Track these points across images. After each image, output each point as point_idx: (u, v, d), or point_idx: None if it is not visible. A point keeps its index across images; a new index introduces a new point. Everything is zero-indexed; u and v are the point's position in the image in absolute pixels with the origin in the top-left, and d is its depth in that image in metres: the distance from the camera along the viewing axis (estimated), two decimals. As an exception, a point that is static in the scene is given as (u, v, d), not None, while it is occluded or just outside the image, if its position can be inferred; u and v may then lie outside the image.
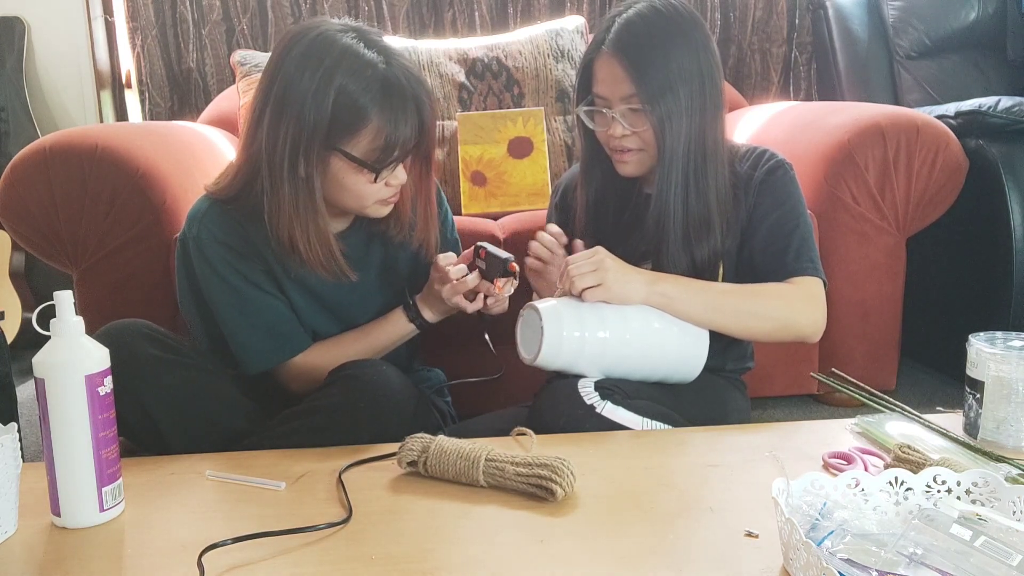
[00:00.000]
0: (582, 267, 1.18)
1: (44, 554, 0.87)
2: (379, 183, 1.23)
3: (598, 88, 1.28)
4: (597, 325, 1.18)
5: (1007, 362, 1.05)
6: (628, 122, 1.26)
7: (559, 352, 1.17)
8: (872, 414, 1.16)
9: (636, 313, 1.20)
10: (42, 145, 1.69)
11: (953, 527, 0.77)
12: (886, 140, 1.78)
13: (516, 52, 2.29)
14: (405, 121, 1.20)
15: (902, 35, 2.48)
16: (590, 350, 1.18)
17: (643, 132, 1.26)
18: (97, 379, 0.91)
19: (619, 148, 1.29)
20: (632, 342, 1.19)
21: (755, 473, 1.00)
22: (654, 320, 1.20)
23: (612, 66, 1.25)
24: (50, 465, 0.91)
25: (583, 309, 1.18)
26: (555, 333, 1.16)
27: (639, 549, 0.83)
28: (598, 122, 1.31)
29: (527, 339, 1.21)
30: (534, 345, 1.18)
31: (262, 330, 1.30)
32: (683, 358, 1.23)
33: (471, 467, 0.98)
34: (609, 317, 1.18)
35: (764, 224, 1.29)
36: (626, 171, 1.32)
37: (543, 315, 1.16)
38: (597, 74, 1.28)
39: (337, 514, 0.93)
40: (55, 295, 0.92)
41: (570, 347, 1.17)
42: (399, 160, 1.23)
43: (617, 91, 1.25)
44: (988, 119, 1.91)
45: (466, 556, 0.84)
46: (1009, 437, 1.06)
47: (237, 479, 1.02)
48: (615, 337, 1.18)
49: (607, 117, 1.28)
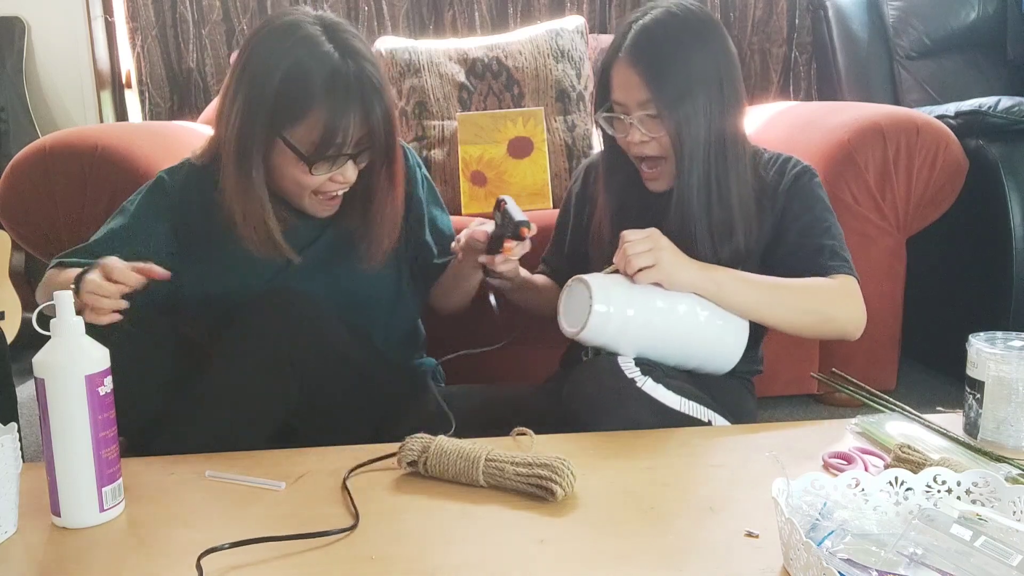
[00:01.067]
0: (638, 247, 1.18)
1: (44, 554, 0.88)
2: (317, 176, 1.25)
3: (616, 95, 1.29)
4: (645, 305, 1.18)
5: (1007, 362, 1.05)
6: (646, 128, 1.27)
7: (605, 328, 1.16)
8: (872, 414, 1.16)
9: (683, 298, 1.20)
10: (42, 145, 1.70)
11: (953, 527, 0.77)
12: (886, 140, 1.78)
13: (516, 52, 2.29)
14: (346, 118, 1.21)
15: (902, 35, 2.48)
16: (635, 329, 1.18)
17: (661, 138, 1.27)
18: (97, 379, 0.91)
19: (640, 155, 1.30)
20: (676, 326, 1.20)
21: (755, 473, 1.00)
22: (700, 307, 1.21)
23: (629, 73, 1.26)
24: (50, 465, 0.91)
25: (632, 288, 1.18)
26: (604, 308, 1.15)
27: (639, 549, 0.83)
28: (617, 128, 1.32)
29: (571, 312, 1.20)
30: (578, 318, 1.17)
31: (96, 248, 1.31)
32: (722, 348, 1.24)
33: (471, 467, 0.98)
34: (657, 299, 1.19)
35: (795, 227, 1.30)
36: (656, 187, 1.33)
37: (593, 289, 1.16)
38: (614, 80, 1.29)
39: (339, 515, 0.93)
40: (55, 295, 0.92)
41: (616, 324, 1.16)
42: (335, 157, 1.24)
43: (634, 97, 1.26)
44: (988, 119, 1.91)
45: (466, 556, 0.84)
46: (1009, 437, 1.06)
47: (236, 479, 1.02)
48: (661, 319, 1.19)
49: (625, 123, 1.29)
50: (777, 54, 2.73)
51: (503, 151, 2.14)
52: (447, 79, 2.26)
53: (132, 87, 2.78)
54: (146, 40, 2.69)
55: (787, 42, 2.73)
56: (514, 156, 2.14)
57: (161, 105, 2.73)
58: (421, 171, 1.48)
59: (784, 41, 2.72)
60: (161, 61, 2.71)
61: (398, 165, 1.34)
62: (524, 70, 2.27)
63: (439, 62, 2.27)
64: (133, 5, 2.67)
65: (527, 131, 2.14)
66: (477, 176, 2.13)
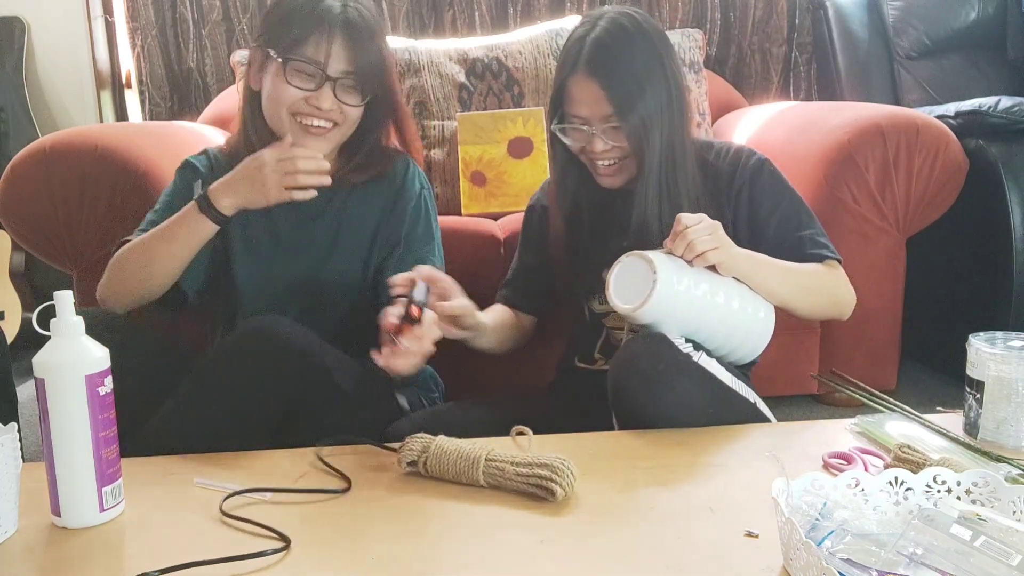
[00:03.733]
0: (701, 231, 1.18)
1: (44, 554, 0.87)
2: (292, 89, 1.30)
3: (575, 108, 1.31)
4: (697, 286, 1.18)
5: (1007, 362, 1.05)
6: (609, 138, 1.30)
7: (664, 305, 1.15)
8: (872, 414, 1.16)
9: (723, 282, 1.21)
10: (42, 145, 1.70)
11: (953, 527, 0.77)
12: (886, 140, 1.78)
13: (516, 52, 2.29)
14: (322, 34, 1.28)
15: (902, 35, 2.48)
16: (686, 308, 1.18)
17: (622, 145, 1.30)
18: (97, 379, 0.91)
19: (599, 159, 1.33)
20: (721, 307, 1.20)
21: (755, 473, 1.00)
22: (737, 291, 1.22)
23: (590, 87, 1.28)
24: (50, 465, 0.91)
25: (685, 267, 1.18)
26: (668, 285, 1.14)
27: (639, 549, 0.83)
28: (575, 138, 1.34)
29: (625, 288, 1.18)
30: (636, 294, 1.16)
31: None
32: (757, 332, 1.26)
33: (471, 467, 0.98)
34: (703, 281, 1.19)
35: (772, 221, 1.34)
36: (611, 183, 1.36)
37: (657, 265, 1.15)
38: (573, 95, 1.31)
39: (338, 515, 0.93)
40: (55, 295, 0.92)
41: (674, 302, 1.16)
42: (313, 76, 1.29)
43: (597, 112, 1.29)
44: (988, 119, 1.91)
45: (466, 556, 0.84)
46: (1009, 437, 1.06)
47: (225, 487, 1.00)
48: (707, 301, 1.19)
49: (586, 134, 1.31)
50: (777, 54, 2.73)
51: (503, 151, 2.14)
52: (447, 79, 2.26)
53: (132, 87, 2.78)
54: (146, 40, 2.69)
55: (787, 42, 2.73)
56: (514, 156, 2.14)
57: (161, 105, 2.73)
58: (422, 195, 1.44)
59: (784, 41, 2.72)
60: (161, 61, 2.71)
61: (406, 124, 1.43)
62: (524, 70, 2.27)
63: (439, 62, 2.27)
64: (133, 5, 2.67)
65: (527, 131, 2.15)
66: (477, 176, 2.13)
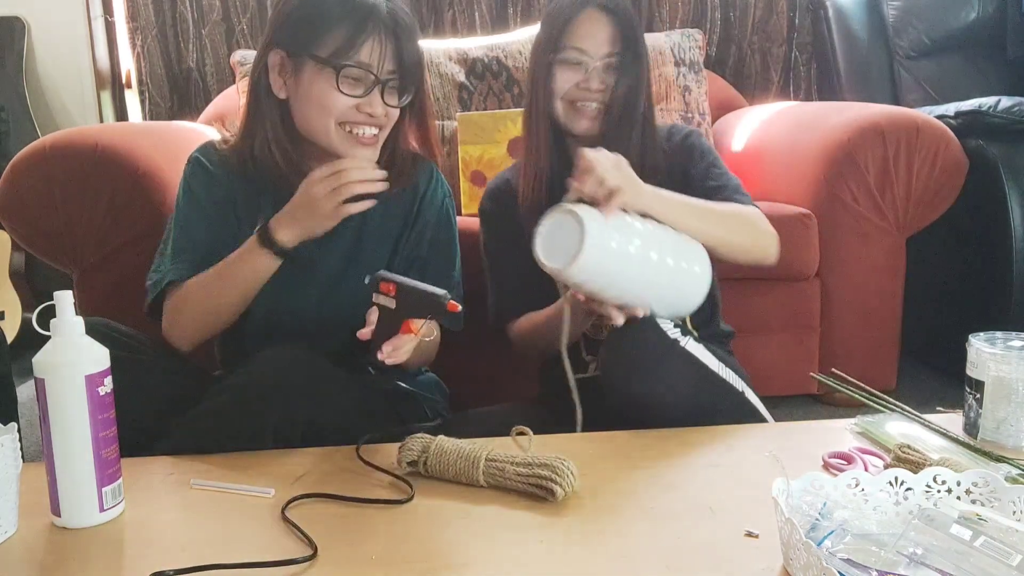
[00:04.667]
0: (608, 166, 1.14)
1: (44, 554, 0.87)
2: (343, 97, 1.21)
3: (579, 41, 1.33)
4: (629, 239, 1.12)
5: (1007, 362, 1.05)
6: (606, 76, 1.33)
7: (596, 263, 1.08)
8: (872, 414, 1.16)
9: (658, 234, 1.16)
10: (42, 145, 1.69)
11: (953, 527, 0.77)
12: (886, 140, 1.78)
13: (516, 52, 2.29)
14: (372, 35, 1.20)
15: (902, 35, 2.48)
16: (618, 265, 1.12)
17: (612, 87, 1.33)
18: (97, 379, 0.91)
19: (589, 99, 1.34)
20: (654, 263, 1.15)
21: (755, 473, 1.00)
22: (678, 243, 1.18)
23: (601, 22, 1.33)
24: (50, 465, 0.91)
25: (618, 220, 1.12)
26: (598, 242, 1.07)
27: (639, 549, 0.83)
28: (568, 74, 1.34)
29: (554, 245, 1.10)
30: (564, 252, 1.08)
31: (177, 246, 1.31)
32: (692, 288, 1.22)
33: (471, 467, 0.98)
34: (637, 235, 1.14)
35: (698, 174, 1.38)
36: (583, 127, 1.35)
37: (585, 221, 1.07)
38: (580, 28, 1.33)
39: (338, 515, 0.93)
40: (55, 295, 0.92)
41: (607, 259, 1.10)
42: (363, 80, 1.21)
43: (602, 47, 1.33)
44: (988, 119, 1.91)
45: (466, 556, 0.84)
46: (1009, 437, 1.06)
47: (223, 487, 1.00)
48: (642, 254, 1.14)
49: (587, 68, 1.33)
50: (777, 54, 2.73)
51: (503, 151, 2.14)
52: (447, 79, 2.26)
53: (132, 87, 2.78)
54: (146, 40, 2.69)
55: (787, 42, 2.73)
56: (514, 156, 2.14)
57: (161, 105, 2.73)
58: (444, 204, 1.41)
59: (784, 41, 2.72)
60: (161, 61, 2.71)
61: (426, 109, 1.35)
62: (524, 70, 2.26)
63: (439, 62, 2.27)
64: (133, 5, 2.67)
65: (527, 131, 2.14)
66: (477, 176, 2.13)
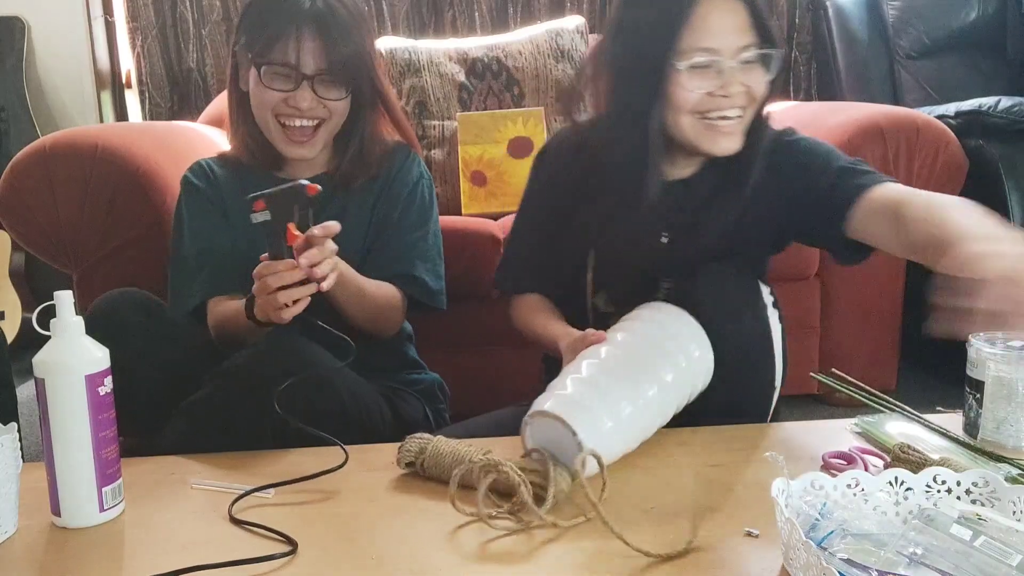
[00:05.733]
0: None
1: (44, 554, 0.87)
2: (271, 92, 1.29)
3: (706, 39, 1.10)
4: (618, 403, 0.99)
5: (1007, 362, 1.05)
6: (743, 77, 1.12)
7: (603, 449, 0.94)
8: (872, 414, 1.16)
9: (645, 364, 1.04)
10: (42, 145, 1.69)
11: (953, 527, 0.77)
12: (886, 140, 1.78)
13: (516, 52, 2.29)
14: (292, 31, 1.26)
15: (902, 35, 2.48)
16: (624, 432, 1.00)
17: (751, 88, 1.13)
18: (97, 379, 0.91)
19: (726, 108, 1.12)
20: (654, 398, 1.03)
21: (755, 473, 1.00)
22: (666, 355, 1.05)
23: (733, 10, 1.11)
24: (50, 465, 0.91)
25: (596, 384, 0.99)
26: (595, 439, 0.94)
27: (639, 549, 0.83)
28: (699, 81, 1.11)
29: (548, 448, 0.96)
30: (566, 454, 0.95)
31: (196, 265, 1.36)
32: (699, 379, 1.10)
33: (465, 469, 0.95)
34: (624, 389, 1.01)
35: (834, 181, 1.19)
36: (723, 146, 1.14)
37: (566, 418, 0.95)
38: (707, 22, 1.10)
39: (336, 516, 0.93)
40: (55, 295, 0.92)
41: (612, 439, 0.98)
42: (289, 75, 1.28)
43: (734, 41, 1.11)
44: (988, 119, 1.91)
45: (465, 556, 0.84)
46: (1009, 437, 1.06)
47: (223, 487, 1.00)
48: (642, 405, 1.02)
49: (710, 72, 1.11)
50: (777, 54, 2.73)
51: (503, 151, 2.14)
52: (447, 79, 2.26)
53: (132, 87, 2.78)
54: (146, 40, 2.69)
55: (787, 42, 2.73)
56: (514, 156, 2.14)
57: (161, 105, 2.73)
58: (420, 183, 1.42)
59: (784, 41, 2.72)
60: (161, 61, 2.71)
61: (391, 113, 1.40)
62: (524, 70, 2.27)
63: (439, 62, 2.27)
64: (133, 5, 2.67)
65: (527, 131, 2.15)
66: (477, 176, 2.13)
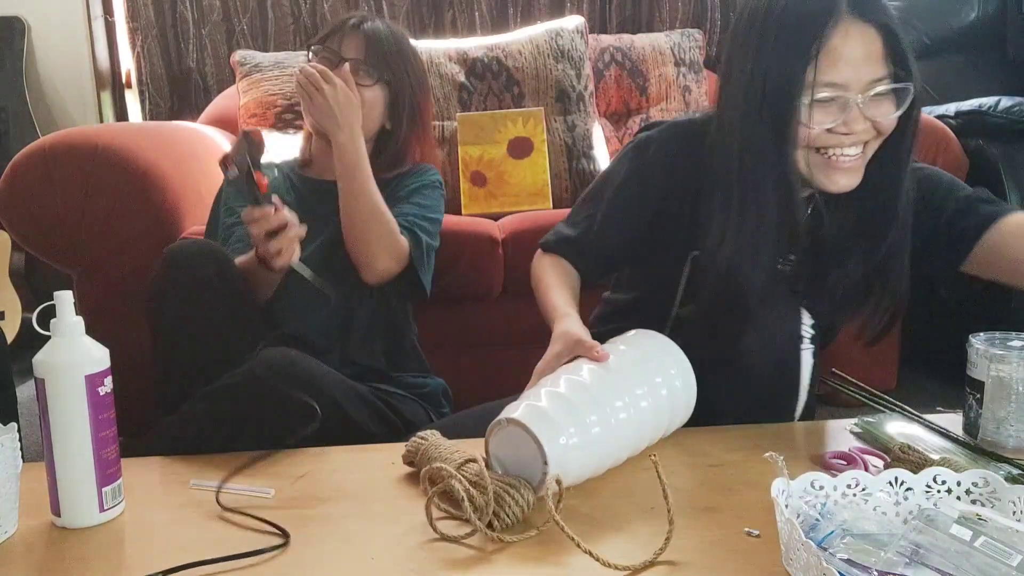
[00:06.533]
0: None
1: (44, 554, 0.88)
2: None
3: (834, 73, 0.98)
4: (587, 426, 0.93)
5: (1007, 362, 1.05)
6: (872, 111, 1.01)
7: (567, 467, 0.91)
8: (872, 414, 1.16)
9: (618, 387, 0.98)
10: (42, 145, 1.70)
11: (953, 527, 0.77)
12: (886, 140, 1.78)
13: (516, 52, 2.29)
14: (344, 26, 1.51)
15: (902, 35, 2.48)
16: (590, 452, 0.95)
17: (878, 123, 1.03)
18: (97, 379, 0.91)
19: (847, 146, 1.02)
20: (626, 421, 0.98)
21: (755, 473, 1.00)
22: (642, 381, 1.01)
23: (864, 36, 0.99)
24: (50, 465, 0.91)
25: (563, 398, 0.94)
26: (560, 456, 0.90)
27: (639, 549, 0.83)
28: (824, 116, 1.01)
29: (512, 457, 0.93)
30: (530, 466, 0.91)
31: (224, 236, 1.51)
32: (680, 405, 1.06)
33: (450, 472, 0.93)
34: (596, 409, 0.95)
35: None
36: (841, 183, 1.04)
37: (530, 425, 0.90)
38: (837, 51, 0.98)
39: (336, 516, 0.93)
40: (55, 295, 0.92)
41: (577, 457, 0.93)
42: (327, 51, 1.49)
43: (864, 73, 0.99)
44: (988, 119, 1.91)
45: (464, 556, 0.84)
46: (1009, 437, 1.06)
47: (221, 487, 1.00)
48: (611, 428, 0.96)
49: (834, 106, 1.00)
50: (777, 54, 2.73)
51: (503, 151, 2.14)
52: (447, 79, 2.26)
53: (132, 87, 2.78)
54: (146, 40, 2.69)
55: (787, 42, 2.73)
56: (514, 156, 2.14)
57: (161, 105, 2.73)
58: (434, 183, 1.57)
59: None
60: (161, 61, 2.71)
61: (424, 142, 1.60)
62: (524, 70, 2.27)
63: (439, 62, 2.27)
64: (133, 5, 2.67)
65: (527, 131, 2.15)
66: (477, 176, 2.13)
